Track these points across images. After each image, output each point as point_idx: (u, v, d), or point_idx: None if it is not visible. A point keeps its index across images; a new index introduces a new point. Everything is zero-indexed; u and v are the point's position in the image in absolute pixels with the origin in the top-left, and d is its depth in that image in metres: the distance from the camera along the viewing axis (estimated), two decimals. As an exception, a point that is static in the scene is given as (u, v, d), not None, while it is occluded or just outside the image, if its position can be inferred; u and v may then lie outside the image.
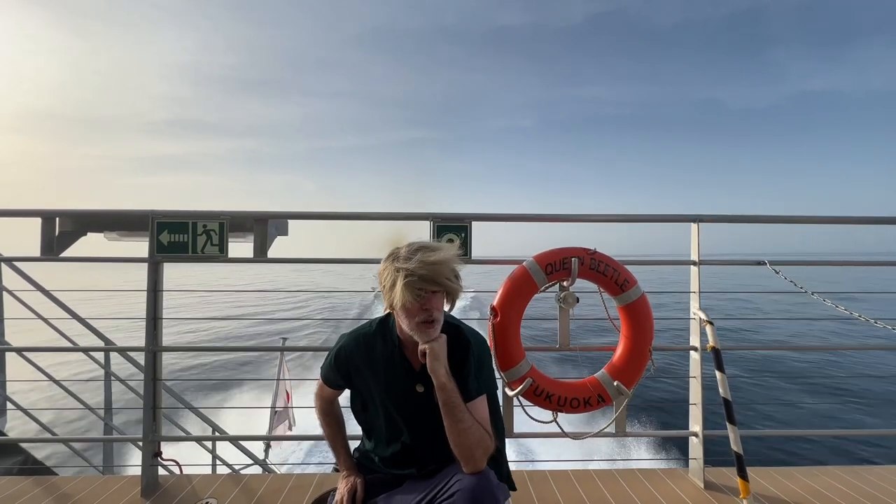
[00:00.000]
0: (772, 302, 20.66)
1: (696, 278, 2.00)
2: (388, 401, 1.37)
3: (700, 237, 2.01)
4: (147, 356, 1.87)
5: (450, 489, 1.21)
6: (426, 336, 1.24)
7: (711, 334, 1.84)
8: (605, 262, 1.85)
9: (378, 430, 1.43)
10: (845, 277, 35.77)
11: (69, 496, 1.83)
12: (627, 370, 1.84)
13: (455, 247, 1.34)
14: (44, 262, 1.92)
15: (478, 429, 1.23)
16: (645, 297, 1.87)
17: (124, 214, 1.96)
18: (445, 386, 1.22)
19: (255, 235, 1.94)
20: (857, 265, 2.31)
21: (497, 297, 1.83)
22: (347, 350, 1.40)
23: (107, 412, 3.01)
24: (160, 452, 1.94)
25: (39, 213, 1.88)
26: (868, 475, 2.03)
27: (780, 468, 2.08)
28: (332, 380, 1.46)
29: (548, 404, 1.82)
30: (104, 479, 1.98)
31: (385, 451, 1.41)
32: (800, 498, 1.85)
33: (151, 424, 1.88)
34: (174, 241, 1.86)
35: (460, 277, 1.31)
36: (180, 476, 2.02)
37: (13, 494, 1.85)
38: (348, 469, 1.45)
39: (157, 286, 1.88)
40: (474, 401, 1.28)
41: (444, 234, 1.93)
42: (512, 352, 1.81)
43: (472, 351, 1.32)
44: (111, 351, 2.68)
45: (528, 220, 2.11)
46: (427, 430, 1.30)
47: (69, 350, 2.41)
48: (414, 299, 1.20)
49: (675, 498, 1.84)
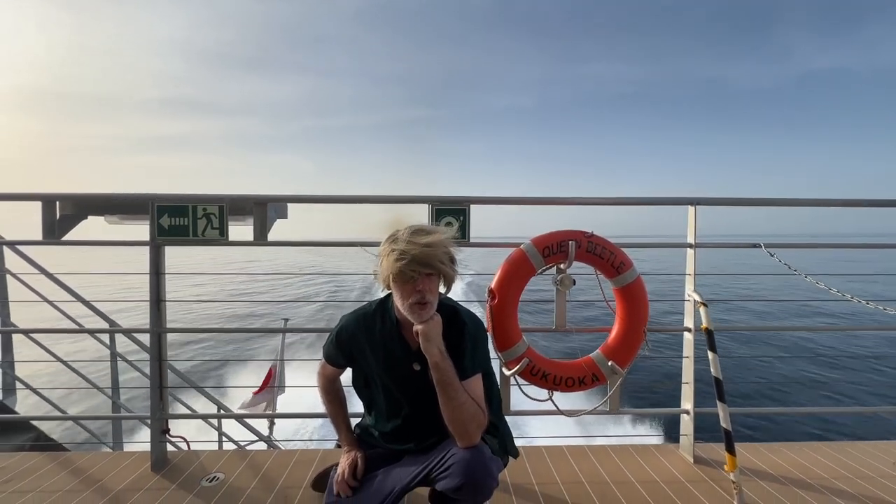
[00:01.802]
0: (766, 284, 20.88)
1: (691, 261, 2.03)
2: (388, 378, 1.41)
3: (697, 220, 2.02)
4: (152, 337, 1.91)
5: (446, 462, 1.26)
6: (419, 317, 1.27)
7: (705, 315, 1.87)
8: (602, 244, 1.87)
9: (378, 407, 1.48)
10: (842, 260, 35.93)
11: (82, 470, 1.90)
12: (621, 350, 1.89)
13: (451, 231, 1.37)
14: (46, 245, 1.94)
15: (472, 405, 1.27)
16: (640, 279, 1.90)
17: (124, 198, 1.97)
18: (439, 365, 1.26)
19: (255, 219, 1.95)
20: (851, 248, 2.33)
21: (495, 279, 1.86)
22: (348, 330, 1.44)
23: (114, 391, 3.09)
24: (168, 429, 2.00)
25: (40, 196, 1.89)
26: (852, 450, 2.10)
27: (768, 444, 2.16)
28: (334, 359, 1.50)
29: (544, 383, 1.87)
30: (115, 455, 2.05)
31: (385, 427, 1.47)
32: (784, 471, 1.92)
33: (159, 403, 1.93)
34: (175, 225, 1.87)
35: (456, 261, 1.33)
36: (188, 452, 2.10)
37: (29, 469, 1.92)
38: (349, 444, 1.51)
39: (160, 269, 1.90)
40: (469, 379, 1.32)
41: (443, 217, 1.94)
42: (509, 333, 1.85)
43: (468, 332, 1.36)
44: (117, 332, 2.73)
45: (526, 204, 2.12)
46: (425, 406, 1.34)
47: (76, 332, 2.46)
48: (407, 281, 1.24)
49: (666, 472, 1.91)
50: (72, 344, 6.88)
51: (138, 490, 1.76)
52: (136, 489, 1.76)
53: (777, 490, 1.78)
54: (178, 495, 1.72)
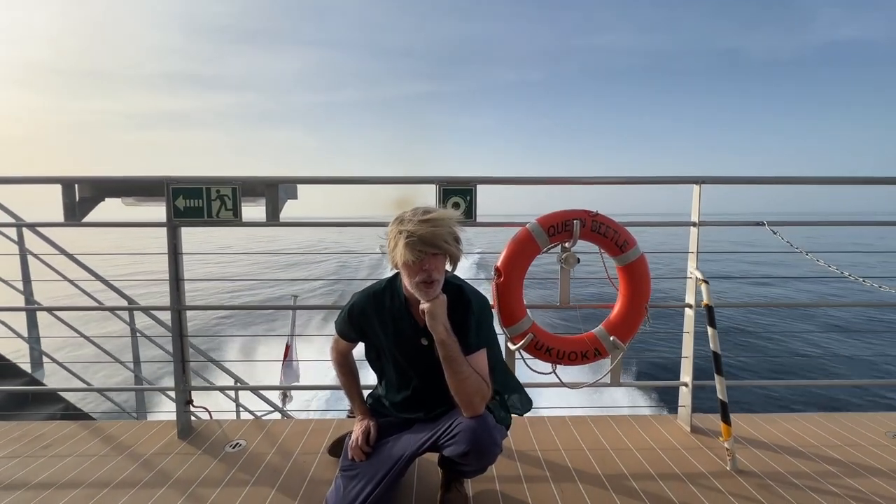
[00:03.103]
0: (769, 262, 20.86)
1: (695, 239, 2.06)
2: (397, 353, 1.49)
3: (701, 199, 2.04)
4: (173, 314, 2.00)
5: (453, 430, 1.35)
6: (425, 295, 1.33)
7: (706, 292, 1.92)
8: (607, 223, 1.90)
9: (389, 378, 1.57)
10: (846, 237, 35.66)
11: (113, 437, 2.04)
12: (624, 326, 1.95)
13: (456, 212, 1.41)
14: (68, 227, 2.01)
15: (476, 378, 1.34)
16: (644, 257, 1.94)
17: (140, 180, 2.02)
18: (444, 342, 1.32)
19: (267, 200, 2.00)
20: (855, 226, 2.34)
21: (501, 257, 1.91)
22: (359, 306, 1.51)
23: (135, 366, 3.24)
24: (191, 400, 2.12)
25: (59, 180, 1.95)
26: (845, 420, 2.17)
27: (763, 415, 2.24)
28: (346, 334, 1.58)
29: (547, 357, 1.95)
30: (143, 423, 2.19)
31: (396, 397, 1.56)
32: (778, 440, 2.00)
33: (182, 375, 2.05)
34: (190, 207, 1.93)
35: (461, 241, 1.38)
36: (210, 421, 2.22)
37: (64, 436, 2.06)
38: (362, 413, 1.60)
39: (177, 249, 1.97)
40: (474, 354, 1.39)
41: (450, 198, 1.97)
42: (514, 309, 1.91)
43: (473, 309, 1.42)
44: (137, 310, 2.84)
45: (531, 183, 2.14)
46: (433, 378, 1.41)
47: (99, 309, 2.56)
48: (413, 260, 1.29)
49: (664, 440, 2.00)
50: (94, 323, 7.08)
51: (167, 455, 1.89)
52: (165, 454, 1.89)
53: (769, 457, 1.86)
54: (205, 460, 1.85)
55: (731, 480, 1.70)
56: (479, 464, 1.40)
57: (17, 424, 2.17)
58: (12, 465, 1.82)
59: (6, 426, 2.16)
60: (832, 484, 1.67)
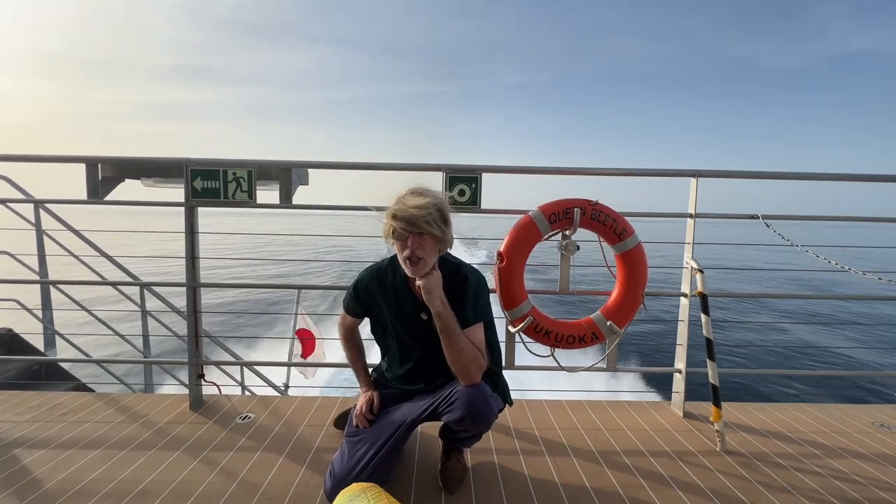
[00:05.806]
0: (763, 255, 21.28)
1: (691, 230, 2.13)
2: (399, 326, 1.58)
3: (698, 192, 2.11)
4: (188, 291, 2.09)
5: (451, 398, 1.43)
6: (411, 272, 1.41)
7: (700, 281, 1.99)
8: (606, 212, 1.97)
9: (393, 352, 1.65)
10: (843, 234, 35.86)
11: (128, 408, 2.13)
12: (620, 312, 2.02)
13: (442, 194, 1.46)
14: (89, 204, 2.10)
15: (472, 349, 1.42)
16: (641, 246, 2.01)
17: (160, 162, 2.11)
18: (441, 314, 1.39)
19: (281, 183, 2.09)
20: (849, 220, 2.39)
21: (504, 243, 1.99)
22: (364, 282, 1.60)
23: (146, 345, 3.34)
24: (203, 374, 2.21)
25: (83, 159, 2.04)
26: (834, 411, 2.24)
27: (756, 403, 2.31)
28: (353, 309, 1.67)
29: (546, 340, 2.02)
30: (156, 395, 2.28)
31: (399, 370, 1.64)
32: (767, 426, 2.08)
33: (195, 350, 2.13)
34: (207, 188, 2.01)
35: (449, 223, 1.42)
36: (220, 395, 2.31)
37: (82, 405, 2.15)
38: (367, 385, 1.69)
39: (194, 228, 2.06)
40: (471, 327, 1.46)
41: (456, 185, 2.05)
42: (515, 293, 1.99)
43: (469, 284, 1.50)
44: (151, 286, 2.91)
45: (534, 173, 2.21)
46: (433, 351, 1.49)
47: (118, 283, 2.63)
48: (399, 238, 1.38)
49: (657, 424, 2.08)
50: (104, 301, 7.18)
51: (180, 423, 1.98)
52: (178, 423, 1.98)
53: (758, 441, 1.93)
54: (216, 430, 1.94)
55: (719, 459, 1.77)
56: (475, 429, 1.48)
57: (36, 394, 2.27)
58: (34, 429, 1.92)
59: (25, 395, 2.25)
60: (816, 465, 1.75)
